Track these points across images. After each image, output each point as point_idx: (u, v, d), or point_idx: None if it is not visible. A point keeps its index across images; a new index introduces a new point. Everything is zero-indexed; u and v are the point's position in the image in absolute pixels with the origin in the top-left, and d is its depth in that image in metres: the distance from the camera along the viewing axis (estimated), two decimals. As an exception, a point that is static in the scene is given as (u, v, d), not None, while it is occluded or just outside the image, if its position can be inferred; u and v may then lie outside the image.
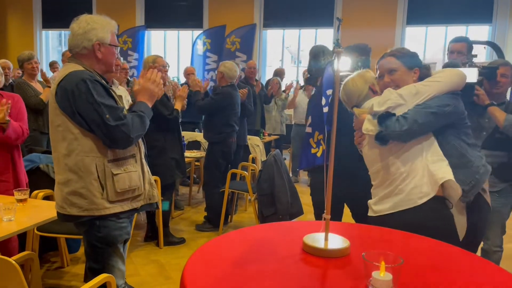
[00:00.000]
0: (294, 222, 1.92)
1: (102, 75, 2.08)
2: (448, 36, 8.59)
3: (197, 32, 9.90)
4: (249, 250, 1.48)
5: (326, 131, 1.50)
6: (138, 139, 2.08)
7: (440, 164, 1.89)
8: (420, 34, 8.91)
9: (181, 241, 4.03)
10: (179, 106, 3.77)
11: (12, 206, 2.26)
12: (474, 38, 3.50)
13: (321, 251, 1.44)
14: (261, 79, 8.97)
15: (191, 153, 5.01)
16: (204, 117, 4.70)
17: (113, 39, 2.07)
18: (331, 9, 9.01)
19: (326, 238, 1.48)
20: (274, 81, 6.65)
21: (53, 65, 7.26)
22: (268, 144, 6.42)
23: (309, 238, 1.50)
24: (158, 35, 10.66)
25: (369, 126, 1.94)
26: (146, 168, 2.17)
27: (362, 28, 8.23)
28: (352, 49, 2.69)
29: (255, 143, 5.50)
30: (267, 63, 10.11)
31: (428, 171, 1.88)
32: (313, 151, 1.57)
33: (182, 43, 10.53)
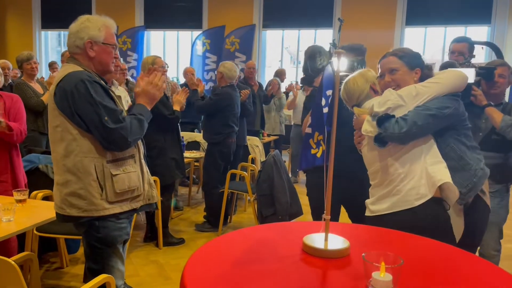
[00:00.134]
0: (294, 222, 1.92)
1: (100, 75, 2.06)
2: (447, 36, 8.60)
3: (196, 33, 9.91)
4: (249, 250, 1.48)
5: (326, 131, 1.50)
6: (136, 142, 2.07)
7: (439, 166, 1.89)
8: (419, 35, 8.92)
9: (181, 241, 4.03)
10: (178, 107, 3.77)
11: (11, 206, 2.26)
12: (473, 39, 3.50)
13: (321, 251, 1.43)
14: (260, 79, 8.98)
15: (190, 154, 5.00)
16: (203, 117, 4.70)
17: (108, 38, 2.02)
18: (330, 9, 9.03)
19: (326, 239, 1.47)
20: (274, 82, 6.66)
21: (52, 66, 7.26)
22: (267, 145, 6.42)
23: (309, 239, 1.50)
24: (158, 36, 10.66)
25: (368, 127, 1.93)
26: (145, 169, 2.17)
27: (361, 28, 8.24)
28: (348, 50, 2.67)
29: (254, 144, 5.49)
30: (267, 64, 10.12)
31: (426, 173, 1.87)
32: (313, 151, 1.56)
33: (182, 43, 10.54)
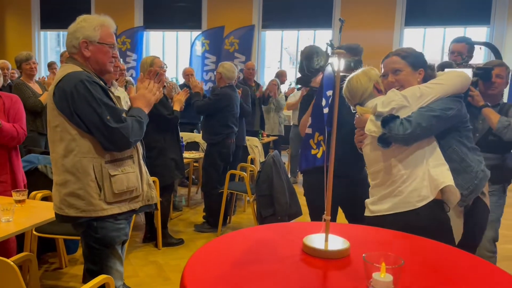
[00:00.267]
0: (294, 223, 1.91)
1: (99, 75, 2.05)
2: (447, 37, 8.61)
3: (195, 33, 9.91)
4: (249, 251, 1.47)
5: (326, 132, 1.50)
6: (135, 144, 2.07)
7: (441, 168, 1.88)
8: (418, 36, 8.93)
9: (180, 242, 4.02)
10: (177, 108, 3.77)
11: (11, 207, 2.26)
12: (472, 39, 3.50)
13: (321, 252, 1.43)
14: (259, 80, 8.98)
15: (189, 154, 4.99)
16: (202, 118, 4.70)
17: (104, 38, 2.00)
18: (329, 10, 9.03)
19: (326, 239, 1.47)
20: (272, 83, 6.66)
21: (51, 66, 7.25)
22: (267, 145, 6.41)
23: (309, 239, 1.49)
24: (157, 36, 10.66)
25: (372, 127, 1.91)
26: (144, 169, 2.16)
27: (360, 29, 8.24)
28: (344, 50, 2.66)
29: (254, 144, 5.49)
30: (266, 64, 10.12)
31: (428, 175, 1.87)
32: (313, 152, 1.56)
33: (181, 44, 10.54)
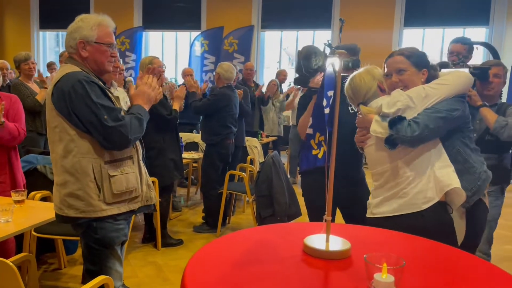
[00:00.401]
0: (294, 223, 1.90)
1: (98, 75, 2.04)
2: (446, 38, 8.62)
3: (195, 34, 9.91)
4: (250, 252, 1.47)
5: (327, 132, 1.49)
6: (135, 141, 2.06)
7: (447, 170, 1.87)
8: (417, 36, 8.94)
9: (179, 242, 4.01)
10: (177, 106, 3.77)
11: (10, 207, 2.25)
12: (472, 40, 3.50)
13: (322, 252, 1.43)
14: (258, 80, 8.97)
15: (189, 154, 4.99)
16: (201, 118, 4.69)
17: (101, 37, 1.98)
18: (328, 11, 9.04)
19: (327, 240, 1.47)
20: (272, 83, 6.66)
21: (50, 66, 7.25)
22: (266, 146, 6.41)
23: (310, 240, 1.49)
24: (156, 36, 10.66)
25: (378, 128, 1.88)
26: (144, 170, 2.16)
27: (359, 30, 8.25)
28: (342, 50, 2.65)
29: (253, 145, 5.49)
30: (265, 65, 10.12)
31: (434, 177, 1.86)
32: (314, 152, 1.56)
33: (180, 44, 10.53)
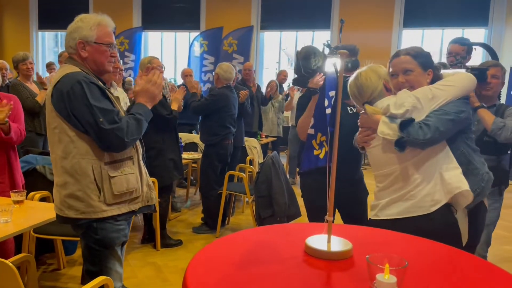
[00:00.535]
0: (295, 224, 1.90)
1: (98, 75, 2.03)
2: (445, 39, 8.63)
3: (194, 34, 9.90)
4: (251, 252, 1.46)
5: (329, 132, 1.48)
6: (133, 143, 2.03)
7: (455, 172, 1.85)
8: (416, 37, 8.95)
9: (178, 243, 4.00)
10: (175, 107, 3.76)
11: (9, 207, 2.25)
12: (471, 40, 3.50)
13: (323, 253, 1.42)
14: (258, 81, 8.97)
15: (188, 155, 4.98)
16: (200, 118, 4.68)
17: (101, 37, 1.98)
18: (328, 11, 9.05)
19: (329, 240, 1.46)
20: (272, 83, 6.65)
21: (50, 66, 7.25)
22: (265, 146, 6.41)
23: (311, 240, 1.49)
24: (155, 37, 10.65)
25: (386, 129, 1.84)
26: (144, 170, 2.15)
27: (359, 30, 8.26)
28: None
29: (252, 145, 5.48)
30: (264, 65, 10.12)
31: (441, 179, 1.84)
32: (315, 152, 1.55)
33: (179, 44, 10.53)
